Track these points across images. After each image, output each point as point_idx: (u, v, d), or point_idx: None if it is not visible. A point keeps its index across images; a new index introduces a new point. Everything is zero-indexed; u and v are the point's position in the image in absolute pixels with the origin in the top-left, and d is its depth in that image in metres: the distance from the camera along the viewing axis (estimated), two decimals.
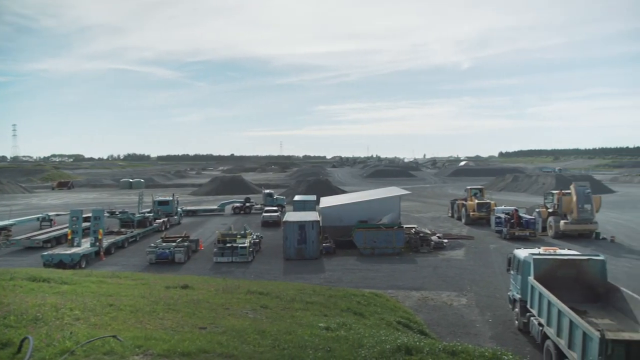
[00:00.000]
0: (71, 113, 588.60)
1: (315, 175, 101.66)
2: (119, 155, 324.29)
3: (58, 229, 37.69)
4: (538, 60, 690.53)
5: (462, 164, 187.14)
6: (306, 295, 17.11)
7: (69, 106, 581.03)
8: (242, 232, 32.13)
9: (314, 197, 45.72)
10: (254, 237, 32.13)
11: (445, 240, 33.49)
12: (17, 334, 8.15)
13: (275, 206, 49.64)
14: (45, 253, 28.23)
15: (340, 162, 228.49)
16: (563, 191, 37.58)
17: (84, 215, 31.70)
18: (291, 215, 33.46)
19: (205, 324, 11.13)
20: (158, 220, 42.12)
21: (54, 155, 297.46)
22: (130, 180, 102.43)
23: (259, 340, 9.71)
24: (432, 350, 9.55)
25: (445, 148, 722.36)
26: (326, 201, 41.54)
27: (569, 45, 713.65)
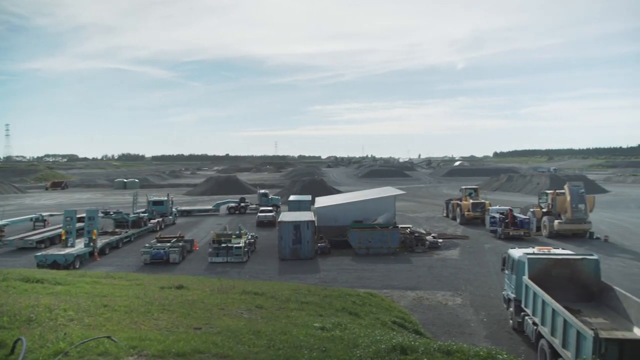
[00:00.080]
0: (65, 113, 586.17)
1: (310, 175, 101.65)
2: (113, 155, 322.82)
3: (52, 230, 37.42)
4: (533, 60, 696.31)
5: (457, 164, 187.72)
6: (301, 295, 17.10)
7: (63, 106, 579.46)
8: (237, 232, 32.09)
9: (309, 197, 45.77)
10: (249, 237, 32.08)
11: (440, 240, 33.56)
12: (10, 335, 8.09)
13: (270, 206, 49.71)
14: (38, 254, 28.06)
15: (335, 162, 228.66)
16: (557, 191, 37.71)
17: (78, 216, 31.61)
18: (286, 215, 33.45)
19: (200, 325, 11.10)
20: (153, 221, 42.03)
21: (47, 155, 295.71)
22: (125, 180, 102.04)
23: (254, 340, 9.68)
24: (427, 350, 9.55)
25: (440, 148, 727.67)
26: (321, 201, 41.54)
27: (563, 45, 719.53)
